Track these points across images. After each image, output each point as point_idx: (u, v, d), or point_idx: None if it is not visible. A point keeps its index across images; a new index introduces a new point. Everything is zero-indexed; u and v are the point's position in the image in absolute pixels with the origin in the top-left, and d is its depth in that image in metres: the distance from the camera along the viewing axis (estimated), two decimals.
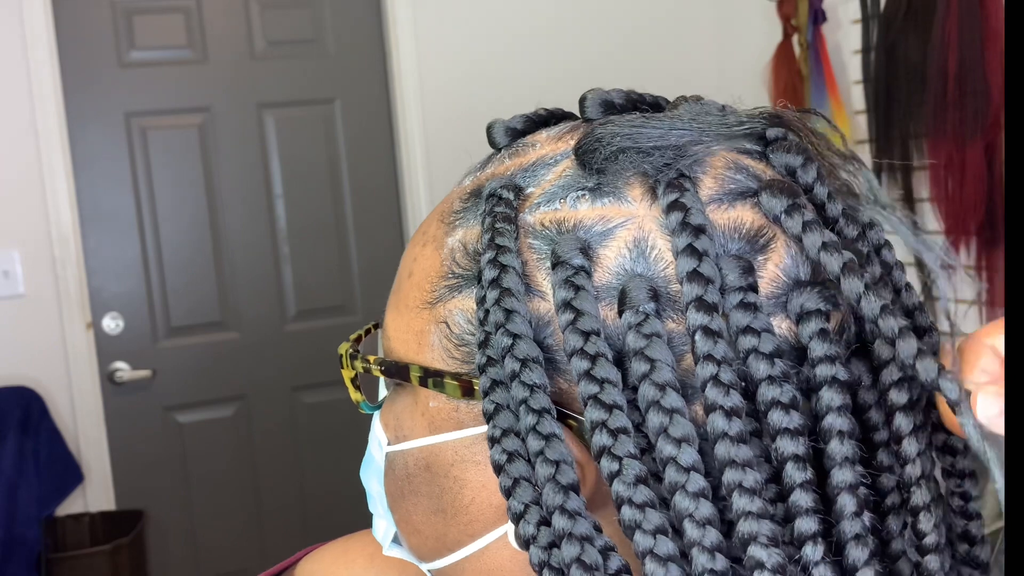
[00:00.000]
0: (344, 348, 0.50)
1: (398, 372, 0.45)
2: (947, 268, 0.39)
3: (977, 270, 1.95)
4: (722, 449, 0.36)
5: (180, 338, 2.55)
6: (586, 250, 0.40)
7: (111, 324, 2.48)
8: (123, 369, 2.49)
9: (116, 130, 2.47)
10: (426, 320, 0.44)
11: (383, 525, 0.52)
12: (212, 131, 2.54)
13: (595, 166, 0.41)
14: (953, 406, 0.35)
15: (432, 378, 0.43)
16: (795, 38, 2.36)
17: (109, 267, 2.48)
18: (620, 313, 0.39)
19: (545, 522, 0.38)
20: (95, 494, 2.45)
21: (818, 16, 2.30)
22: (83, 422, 2.42)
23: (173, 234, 2.53)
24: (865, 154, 2.23)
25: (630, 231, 0.40)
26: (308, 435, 2.66)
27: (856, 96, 2.29)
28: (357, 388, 0.50)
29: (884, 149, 2.12)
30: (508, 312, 0.39)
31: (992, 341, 0.37)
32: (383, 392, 0.51)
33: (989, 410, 0.35)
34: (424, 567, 0.49)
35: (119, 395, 2.49)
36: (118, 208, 2.48)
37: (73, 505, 2.43)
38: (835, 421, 0.37)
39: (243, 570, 2.61)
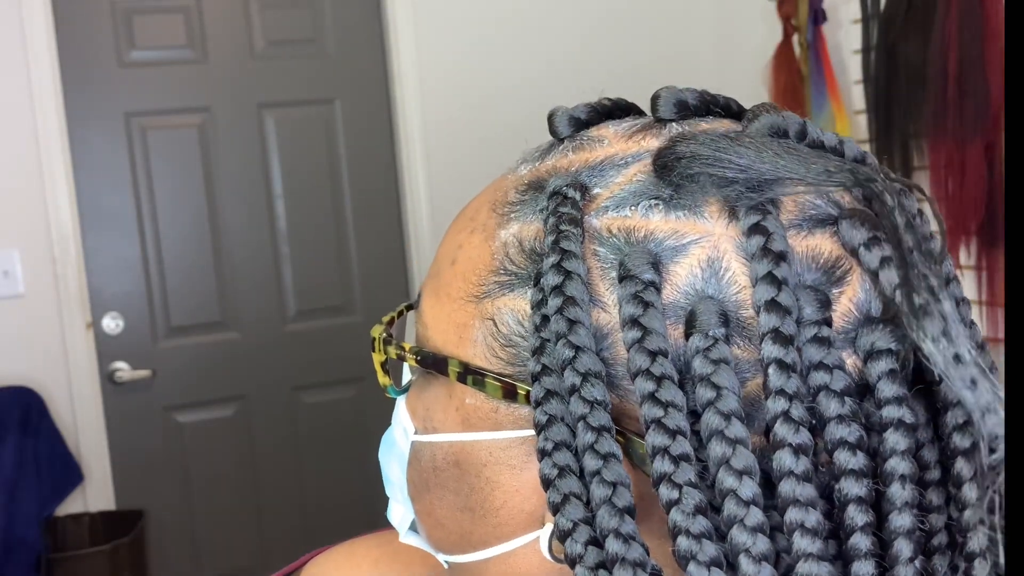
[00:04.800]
0: (377, 331, 0.48)
1: (435, 364, 0.43)
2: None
3: (977, 270, 1.95)
4: (787, 487, 0.35)
5: (180, 338, 2.55)
6: (656, 264, 0.38)
7: (111, 324, 2.48)
8: (123, 369, 2.49)
9: (116, 130, 2.47)
10: (470, 314, 0.43)
11: (400, 511, 0.50)
12: (212, 131, 2.54)
13: (673, 180, 0.39)
14: None
15: (472, 375, 0.42)
16: (795, 38, 2.36)
17: (109, 267, 2.48)
18: (687, 335, 0.37)
19: (595, 542, 0.36)
20: (95, 494, 2.45)
21: (818, 16, 2.30)
22: (83, 422, 2.42)
23: (173, 234, 2.53)
24: None
25: (704, 249, 0.38)
26: (308, 435, 2.66)
27: (856, 96, 2.29)
28: (387, 372, 0.49)
29: (884, 149, 2.12)
30: (572, 323, 0.37)
31: None
32: (407, 376, 0.49)
33: None
34: (441, 558, 0.48)
35: (119, 395, 2.49)
36: (118, 208, 2.48)
37: (73, 505, 2.43)
38: (899, 465, 0.36)
39: (243, 570, 2.61)
